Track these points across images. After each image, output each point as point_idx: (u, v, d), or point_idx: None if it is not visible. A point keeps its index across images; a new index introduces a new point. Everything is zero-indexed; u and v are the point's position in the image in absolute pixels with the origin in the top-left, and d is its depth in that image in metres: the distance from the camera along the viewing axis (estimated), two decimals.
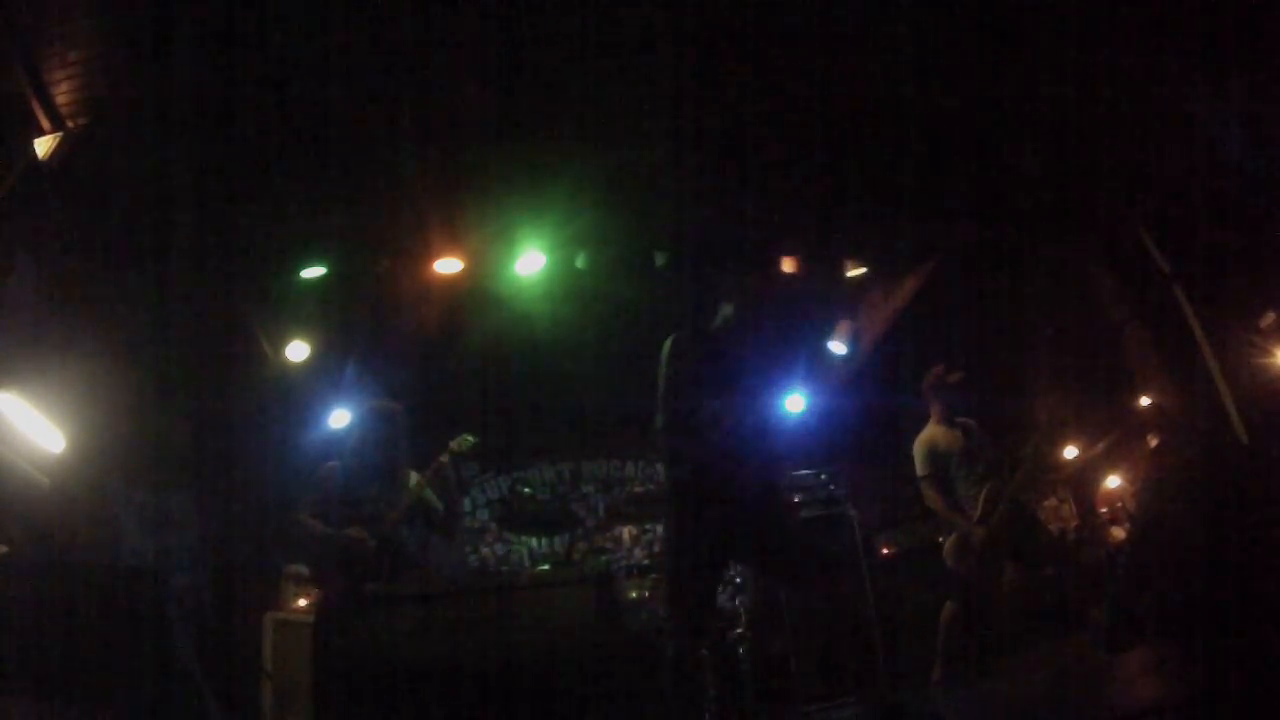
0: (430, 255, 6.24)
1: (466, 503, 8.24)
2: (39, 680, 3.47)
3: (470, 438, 4.92)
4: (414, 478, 4.67)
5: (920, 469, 5.16)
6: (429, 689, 3.60)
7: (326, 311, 6.59)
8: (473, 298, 6.69)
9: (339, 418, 6.85)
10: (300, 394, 6.84)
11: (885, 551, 6.44)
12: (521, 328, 6.94)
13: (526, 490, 8.48)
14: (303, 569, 6.14)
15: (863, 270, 7.10)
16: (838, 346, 7.56)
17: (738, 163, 5.74)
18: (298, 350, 6.63)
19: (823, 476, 6.45)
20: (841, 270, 7.09)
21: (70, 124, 4.73)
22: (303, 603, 6.06)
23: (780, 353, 3.70)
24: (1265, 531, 2.83)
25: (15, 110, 4.53)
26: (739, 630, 5.72)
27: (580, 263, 6.44)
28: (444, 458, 4.72)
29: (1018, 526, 5.00)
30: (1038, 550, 5.13)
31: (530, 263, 6.36)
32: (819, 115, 5.42)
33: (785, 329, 3.87)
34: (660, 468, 8.77)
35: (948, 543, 5.05)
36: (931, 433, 5.24)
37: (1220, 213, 5.06)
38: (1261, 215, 4.86)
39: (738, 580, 7.23)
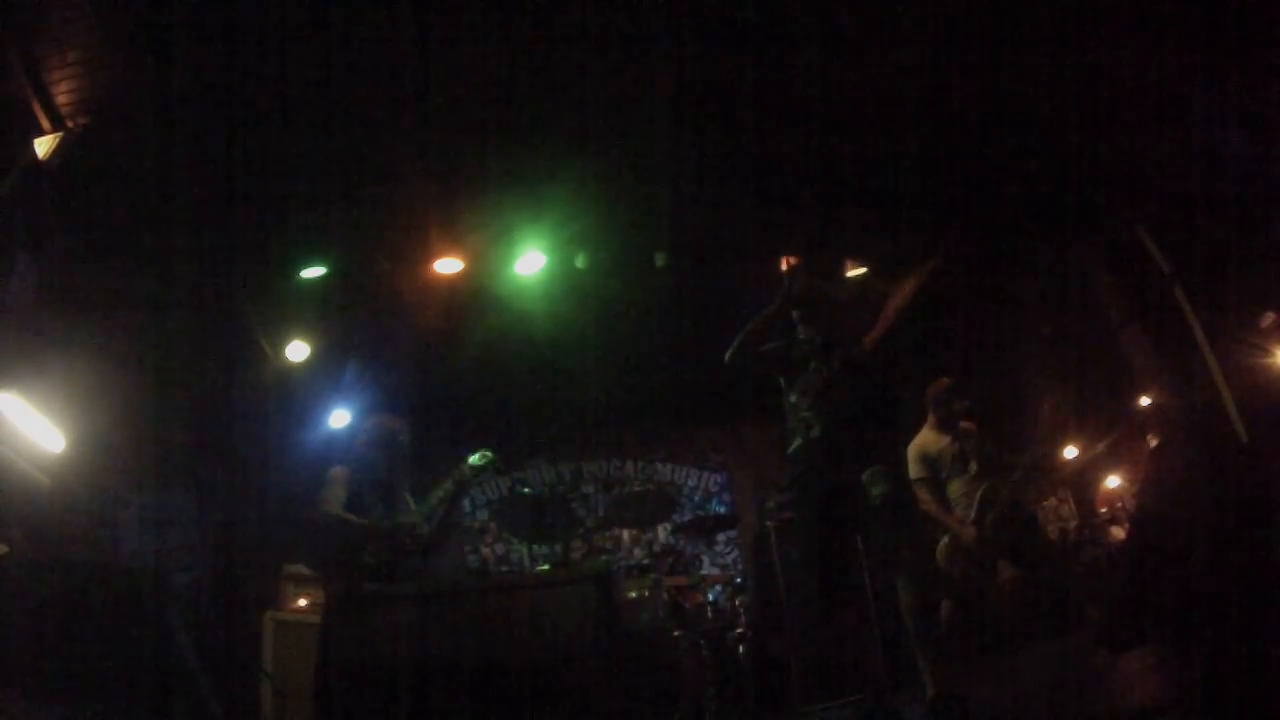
0: (430, 255, 6.24)
1: (466, 503, 8.23)
2: (39, 680, 3.47)
3: (489, 453, 4.74)
4: (412, 504, 4.66)
5: (913, 472, 5.20)
6: (429, 689, 3.60)
7: (326, 311, 6.59)
8: (473, 298, 6.68)
9: (339, 418, 6.85)
10: (300, 394, 6.84)
11: None
12: (521, 328, 6.94)
13: (526, 490, 8.49)
14: (303, 569, 6.14)
15: (863, 270, 7.10)
16: None
17: (738, 163, 5.74)
18: (298, 350, 6.63)
19: None
20: (842, 270, 7.09)
21: (70, 124, 4.73)
22: (303, 603, 6.06)
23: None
24: (1265, 531, 2.83)
25: (15, 110, 4.53)
26: (739, 630, 5.72)
27: (580, 263, 6.44)
28: (448, 484, 4.63)
29: (1015, 527, 5.01)
30: (1035, 551, 5.15)
31: (530, 263, 6.36)
32: (819, 115, 5.42)
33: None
34: (659, 466, 8.93)
35: (940, 544, 5.09)
36: (924, 437, 5.30)
37: (1220, 213, 5.06)
38: (1261, 215, 4.85)
39: (738, 580, 7.26)
